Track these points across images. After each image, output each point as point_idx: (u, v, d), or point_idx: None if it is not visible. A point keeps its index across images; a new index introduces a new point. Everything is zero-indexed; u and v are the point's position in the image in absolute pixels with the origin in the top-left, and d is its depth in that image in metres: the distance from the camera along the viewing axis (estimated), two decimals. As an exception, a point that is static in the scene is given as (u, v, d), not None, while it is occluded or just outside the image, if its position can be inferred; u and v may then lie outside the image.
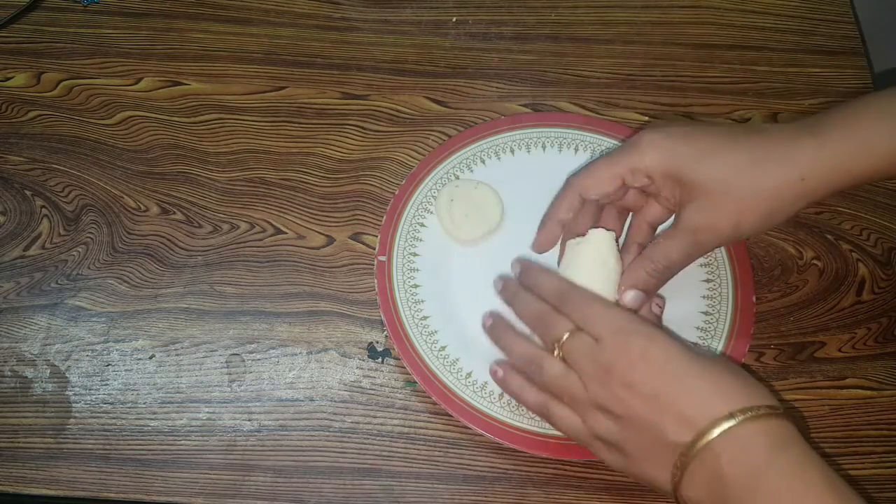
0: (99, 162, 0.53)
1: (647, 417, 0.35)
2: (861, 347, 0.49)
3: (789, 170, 0.38)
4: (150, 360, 0.47)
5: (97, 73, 0.57)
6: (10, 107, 0.55)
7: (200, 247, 0.51)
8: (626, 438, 0.36)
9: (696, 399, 0.34)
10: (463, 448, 0.45)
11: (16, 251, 0.50)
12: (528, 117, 0.55)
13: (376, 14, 0.60)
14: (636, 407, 0.35)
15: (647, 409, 0.35)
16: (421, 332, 0.46)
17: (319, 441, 0.45)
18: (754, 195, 0.39)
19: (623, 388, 0.35)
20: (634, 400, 0.35)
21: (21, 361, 0.47)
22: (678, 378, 0.35)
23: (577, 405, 0.38)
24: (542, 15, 0.61)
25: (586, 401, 0.37)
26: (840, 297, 0.50)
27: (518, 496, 0.44)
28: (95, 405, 0.46)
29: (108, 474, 0.44)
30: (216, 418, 0.45)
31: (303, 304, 0.49)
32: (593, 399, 0.37)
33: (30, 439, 0.45)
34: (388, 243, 0.49)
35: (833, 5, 0.62)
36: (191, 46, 0.58)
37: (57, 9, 0.60)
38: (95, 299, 0.49)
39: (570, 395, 0.38)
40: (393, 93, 0.57)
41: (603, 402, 0.36)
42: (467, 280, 0.48)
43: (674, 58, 0.59)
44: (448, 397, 0.44)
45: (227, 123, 0.55)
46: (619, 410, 0.36)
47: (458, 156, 0.52)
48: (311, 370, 0.47)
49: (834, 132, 0.39)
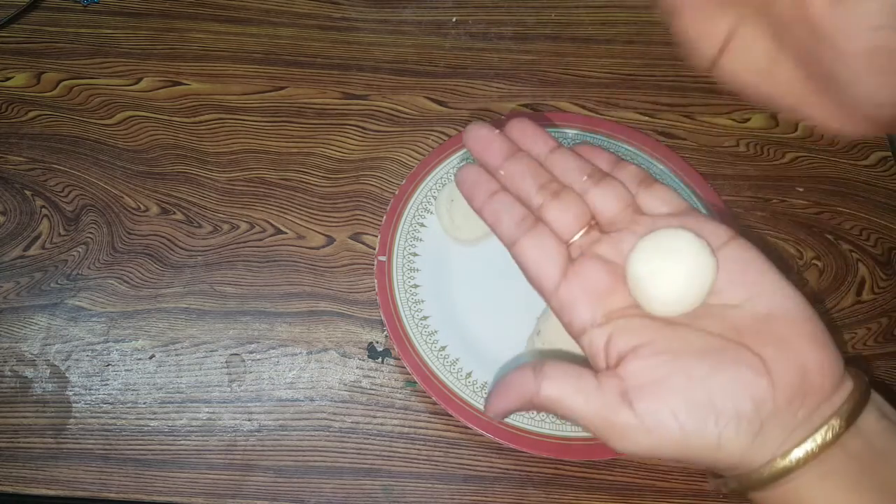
0: (99, 162, 0.53)
1: None
2: (861, 347, 0.49)
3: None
4: (150, 360, 0.47)
5: (97, 73, 0.57)
6: (10, 107, 0.55)
7: (200, 247, 0.51)
8: None
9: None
10: (463, 448, 0.45)
11: (16, 251, 0.50)
12: (529, 117, 0.54)
13: (376, 14, 0.60)
14: None
15: None
16: (421, 332, 0.46)
17: (319, 441, 0.45)
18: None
19: None
20: None
21: (21, 361, 0.47)
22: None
23: None
24: (542, 15, 0.61)
25: None
26: (840, 297, 0.50)
27: (518, 496, 0.44)
28: (95, 405, 0.46)
29: (108, 474, 0.44)
30: (216, 418, 0.45)
31: (303, 304, 0.49)
32: None
33: (30, 439, 0.45)
34: (388, 243, 0.49)
35: (833, 5, 0.62)
36: (191, 46, 0.58)
37: (57, 9, 0.60)
38: (95, 299, 0.49)
39: None
40: (393, 93, 0.57)
41: None
42: (467, 280, 0.49)
43: (674, 57, 0.59)
44: (448, 397, 0.44)
45: (228, 123, 0.55)
46: None
47: (459, 156, 0.52)
48: (311, 370, 0.47)
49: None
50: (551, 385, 0.30)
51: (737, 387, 0.28)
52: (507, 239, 0.33)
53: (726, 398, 0.28)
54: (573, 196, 0.33)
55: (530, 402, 0.31)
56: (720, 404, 0.28)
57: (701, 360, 0.29)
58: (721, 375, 0.28)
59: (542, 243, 0.32)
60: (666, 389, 0.29)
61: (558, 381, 0.30)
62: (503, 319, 0.47)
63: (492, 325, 0.47)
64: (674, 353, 0.29)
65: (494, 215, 0.34)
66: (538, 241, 0.32)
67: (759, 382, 0.28)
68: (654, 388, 0.29)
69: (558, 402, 0.30)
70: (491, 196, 0.34)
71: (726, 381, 0.28)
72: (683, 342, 0.30)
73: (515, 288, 0.48)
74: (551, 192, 0.33)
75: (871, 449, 0.28)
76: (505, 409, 0.32)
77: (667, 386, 0.29)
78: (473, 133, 0.35)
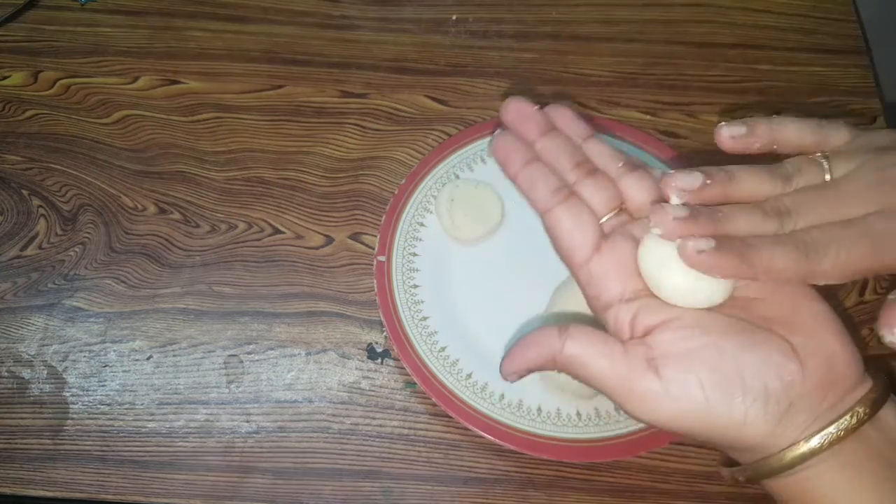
0: (96, 161, 0.53)
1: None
2: (864, 348, 0.48)
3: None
4: (148, 360, 0.47)
5: (94, 72, 0.56)
6: (7, 106, 0.55)
7: (198, 247, 0.50)
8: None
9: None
10: (463, 450, 0.45)
11: (12, 251, 0.50)
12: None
13: (376, 12, 0.60)
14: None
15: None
16: (421, 332, 0.46)
17: (318, 443, 0.45)
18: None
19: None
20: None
21: (18, 362, 0.46)
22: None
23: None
24: (542, 13, 0.61)
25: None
26: (843, 297, 0.50)
27: (519, 498, 0.44)
28: (93, 406, 0.45)
29: (105, 476, 0.44)
30: (214, 419, 0.45)
31: (301, 305, 0.49)
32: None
33: (27, 440, 0.44)
34: (387, 243, 0.48)
35: (835, 4, 0.61)
36: (189, 45, 0.58)
37: (54, 7, 0.59)
38: (93, 300, 0.48)
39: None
40: (392, 91, 0.56)
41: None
42: (467, 280, 0.48)
43: (676, 56, 0.59)
44: (448, 398, 0.44)
45: (226, 122, 0.55)
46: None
47: (459, 155, 0.52)
48: (309, 371, 0.47)
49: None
50: (575, 344, 0.30)
51: (768, 365, 0.28)
52: (542, 205, 0.33)
53: (756, 375, 0.28)
54: (606, 178, 0.33)
55: (552, 359, 0.31)
56: (749, 381, 0.28)
57: (732, 337, 0.29)
58: (752, 353, 0.28)
59: (578, 214, 0.32)
60: (695, 360, 0.28)
61: (583, 341, 0.30)
62: (504, 320, 0.47)
63: (492, 326, 0.47)
64: (704, 328, 0.29)
65: (529, 181, 0.33)
66: (573, 212, 0.32)
67: (789, 365, 0.28)
68: (683, 357, 0.28)
69: (581, 363, 0.30)
70: (526, 163, 0.33)
71: (757, 360, 0.28)
72: (714, 321, 0.29)
73: (516, 288, 0.48)
74: (586, 170, 0.33)
75: (890, 443, 0.28)
76: (525, 366, 0.32)
77: (697, 356, 0.28)
78: (513, 105, 0.34)
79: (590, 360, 0.30)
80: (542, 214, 0.33)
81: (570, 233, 0.32)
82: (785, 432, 0.28)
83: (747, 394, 0.28)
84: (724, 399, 0.28)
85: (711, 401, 0.28)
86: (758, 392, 0.27)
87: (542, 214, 0.33)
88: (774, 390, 0.28)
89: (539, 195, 0.33)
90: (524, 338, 0.32)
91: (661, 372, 0.28)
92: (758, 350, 0.28)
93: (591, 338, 0.30)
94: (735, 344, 0.28)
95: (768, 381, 0.28)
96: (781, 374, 0.28)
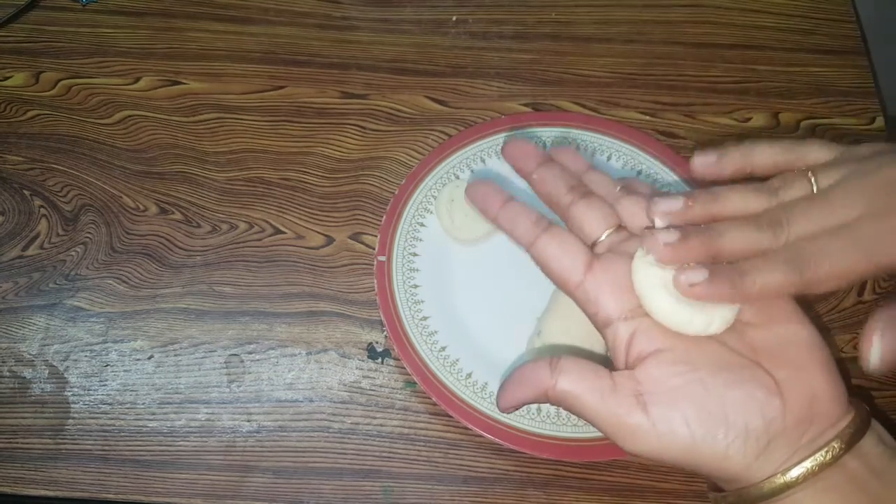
0: (97, 161, 0.53)
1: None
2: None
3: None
4: (149, 360, 0.47)
5: (96, 73, 0.57)
6: (8, 106, 0.55)
7: (199, 247, 0.51)
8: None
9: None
10: (463, 449, 0.45)
11: (14, 251, 0.50)
12: (529, 116, 0.54)
13: (376, 13, 0.60)
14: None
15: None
16: (421, 332, 0.46)
17: (319, 442, 0.45)
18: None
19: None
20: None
21: (19, 362, 0.47)
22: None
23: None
24: (542, 14, 0.61)
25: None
26: (841, 297, 0.50)
27: (518, 497, 0.44)
28: (94, 406, 0.45)
29: (106, 475, 0.44)
30: (215, 419, 0.45)
31: (302, 305, 0.49)
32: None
33: (28, 440, 0.44)
34: (387, 243, 0.49)
35: (834, 4, 0.62)
36: (190, 45, 0.58)
37: (56, 8, 0.59)
38: (94, 299, 0.48)
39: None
40: (393, 92, 0.57)
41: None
42: (467, 280, 0.48)
43: (675, 57, 0.59)
44: (448, 398, 0.44)
45: (226, 123, 0.55)
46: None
47: (459, 155, 0.52)
48: (310, 371, 0.47)
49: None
50: (567, 380, 0.31)
51: (750, 403, 0.29)
52: (526, 239, 0.34)
53: (739, 413, 0.29)
54: (601, 200, 0.34)
55: (545, 394, 0.31)
56: (732, 418, 0.29)
57: (718, 373, 0.30)
58: (736, 391, 0.29)
59: (563, 239, 0.33)
60: (681, 397, 0.29)
61: (574, 377, 0.31)
62: (504, 320, 0.47)
63: (492, 326, 0.47)
64: (692, 364, 0.30)
65: (511, 220, 0.34)
66: (558, 239, 0.33)
67: (771, 402, 0.29)
68: (670, 395, 0.29)
69: (573, 398, 0.31)
70: (504, 204, 0.35)
71: (740, 397, 0.29)
72: (702, 354, 0.30)
73: (516, 288, 0.48)
74: (581, 193, 0.34)
75: (869, 469, 0.29)
76: (519, 400, 0.32)
77: (682, 394, 0.29)
78: (512, 144, 0.36)
79: (581, 395, 0.31)
80: (528, 248, 0.34)
81: (557, 258, 0.33)
82: (763, 467, 0.29)
83: (729, 431, 0.29)
84: (708, 435, 0.29)
85: (696, 436, 0.29)
86: (739, 430, 0.29)
87: (528, 248, 0.34)
88: (755, 428, 0.29)
89: (521, 231, 0.34)
90: (517, 372, 0.32)
91: (648, 409, 0.29)
92: (742, 386, 0.29)
93: (583, 373, 0.31)
94: (721, 381, 0.29)
95: (749, 420, 0.29)
96: (764, 412, 0.29)
